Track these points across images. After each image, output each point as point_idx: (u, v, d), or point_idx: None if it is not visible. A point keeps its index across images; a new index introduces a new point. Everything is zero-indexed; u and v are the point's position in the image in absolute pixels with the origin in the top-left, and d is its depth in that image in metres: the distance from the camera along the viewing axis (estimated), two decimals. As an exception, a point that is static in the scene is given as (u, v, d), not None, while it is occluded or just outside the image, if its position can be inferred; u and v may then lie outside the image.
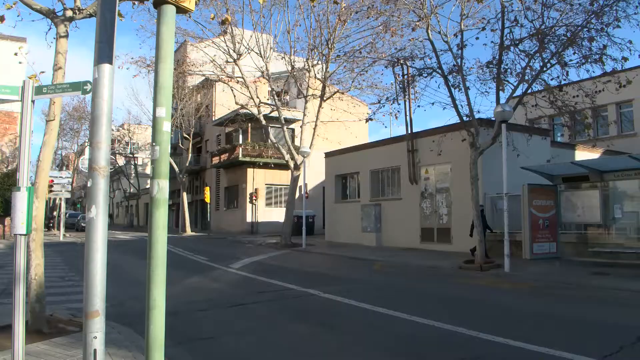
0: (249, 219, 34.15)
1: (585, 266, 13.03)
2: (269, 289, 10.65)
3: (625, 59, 13.59)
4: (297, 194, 25.69)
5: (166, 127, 3.42)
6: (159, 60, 3.48)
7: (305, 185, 23.90)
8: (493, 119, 14.74)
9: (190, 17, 20.39)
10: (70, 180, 32.41)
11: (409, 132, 20.61)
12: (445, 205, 19.17)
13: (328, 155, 27.12)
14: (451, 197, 18.86)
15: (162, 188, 3.38)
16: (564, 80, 14.83)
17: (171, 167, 35.73)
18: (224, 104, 34.75)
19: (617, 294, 9.65)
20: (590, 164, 13.89)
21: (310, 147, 22.95)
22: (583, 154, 21.69)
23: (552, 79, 14.97)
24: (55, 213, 41.78)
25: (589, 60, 13.96)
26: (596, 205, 13.58)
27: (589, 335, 6.46)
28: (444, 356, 5.69)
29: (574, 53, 14.38)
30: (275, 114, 24.83)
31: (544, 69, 14.53)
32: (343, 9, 20.81)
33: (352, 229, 23.67)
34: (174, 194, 43.43)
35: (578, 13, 14.06)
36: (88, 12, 6.92)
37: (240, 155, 33.24)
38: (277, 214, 33.00)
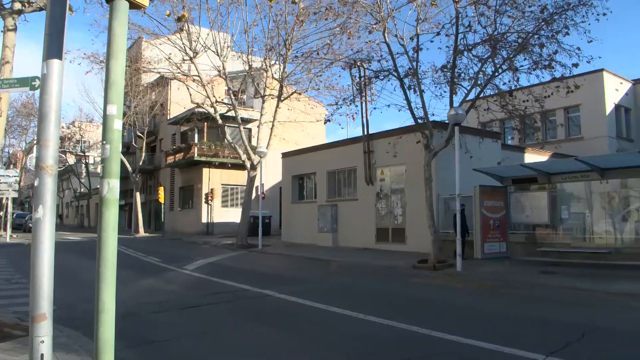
0: (204, 219, 33.72)
1: (533, 265, 13.48)
2: (224, 290, 10.54)
3: (575, 65, 14.14)
4: (254, 195, 25.53)
5: (117, 125, 3.35)
6: (111, 57, 3.41)
7: (262, 185, 23.81)
8: (447, 121, 15.07)
9: (145, 12, 20.06)
10: (18, 179, 31.19)
11: (365, 133, 20.82)
12: (400, 206, 19.45)
13: (285, 155, 27.08)
14: (406, 197, 19.15)
15: (112, 188, 3.31)
16: (515, 85, 15.31)
17: (124, 166, 34.98)
18: (179, 102, 34.18)
19: (563, 292, 10.02)
20: (539, 167, 14.34)
21: (267, 147, 22.86)
22: (532, 157, 22.40)
23: (503, 84, 15.46)
24: (1, 213, 40.13)
25: (539, 66, 14.45)
26: (544, 207, 14.05)
27: (536, 332, 6.66)
28: (397, 355, 5.76)
29: (524, 59, 14.87)
30: (231, 113, 24.63)
31: (496, 74, 14.95)
32: (301, 10, 20.84)
33: (309, 230, 23.71)
34: (127, 193, 42.49)
35: (529, 20, 14.52)
36: (38, 5, 6.71)
37: (196, 155, 32.78)
38: (233, 215, 32.70)
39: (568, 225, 14.31)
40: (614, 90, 27.92)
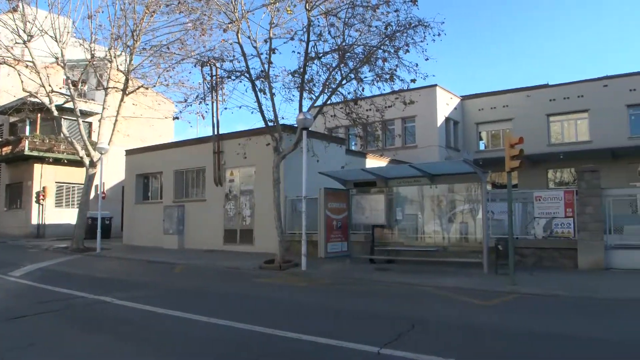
0: (34, 220, 30.65)
1: (371, 263, 14.40)
2: (56, 298, 9.69)
3: (412, 80, 15.38)
4: (93, 194, 23.88)
5: None
6: None
7: (102, 184, 22.35)
8: (296, 125, 15.49)
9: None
10: None
11: (216, 133, 20.59)
12: (248, 207, 19.55)
13: (129, 153, 25.74)
14: (254, 199, 19.31)
15: None
16: (360, 94, 16.23)
17: (-64, 159, 30.70)
18: (8, 90, 30.61)
19: (396, 288, 10.88)
20: (378, 171, 15.29)
21: (109, 144, 21.54)
22: (373, 162, 23.89)
23: (349, 93, 16.29)
24: None
25: (382, 79, 15.48)
26: (382, 208, 15.02)
27: (372, 325, 7.13)
28: (239, 355, 5.79)
29: (369, 71, 15.81)
30: (70, 105, 22.73)
31: (343, 82, 15.72)
32: (152, 0, 19.95)
33: (153, 232, 22.79)
34: (-61, 190, 37.16)
35: (374, 35, 15.50)
36: None
37: (27, 149, 29.63)
38: (68, 216, 30.20)
39: (402, 225, 15.49)
40: (445, 105, 31.01)
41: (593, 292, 9.55)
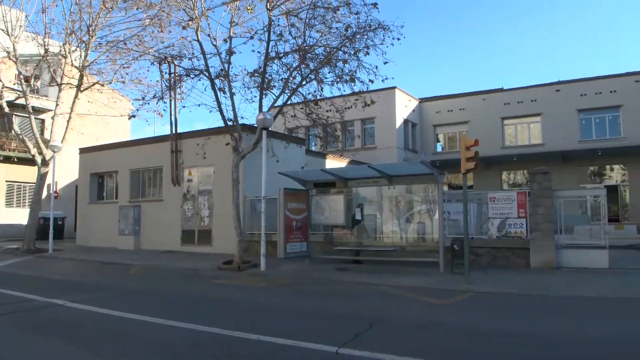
0: (-18, 220, 29.48)
1: (330, 263, 14.49)
2: (5, 301, 9.33)
3: (371, 81, 15.53)
4: (45, 193, 23.09)
5: None
6: None
7: (55, 183, 21.67)
8: (255, 125, 15.42)
9: None
10: None
11: (174, 132, 20.26)
12: (207, 208, 19.32)
13: (83, 151, 25.05)
14: (213, 199, 19.10)
15: None
16: (320, 95, 16.28)
17: None
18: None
19: (355, 287, 10.96)
20: (337, 172, 15.39)
21: (62, 142, 20.87)
22: (332, 163, 24.02)
23: (309, 94, 16.31)
24: None
25: (341, 80, 15.57)
26: (341, 209, 15.13)
27: (330, 325, 7.16)
28: (195, 358, 5.72)
29: (329, 72, 15.87)
30: (22, 101, 21.92)
31: (303, 82, 15.73)
32: (109, -5, 19.45)
33: (108, 232, 22.25)
34: None
35: (335, 37, 15.57)
36: None
37: (-25, 146, 28.51)
38: (20, 216, 29.10)
39: (361, 226, 15.63)
40: (404, 107, 31.46)
41: (545, 290, 9.85)
